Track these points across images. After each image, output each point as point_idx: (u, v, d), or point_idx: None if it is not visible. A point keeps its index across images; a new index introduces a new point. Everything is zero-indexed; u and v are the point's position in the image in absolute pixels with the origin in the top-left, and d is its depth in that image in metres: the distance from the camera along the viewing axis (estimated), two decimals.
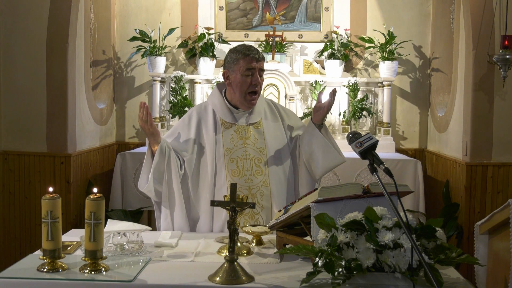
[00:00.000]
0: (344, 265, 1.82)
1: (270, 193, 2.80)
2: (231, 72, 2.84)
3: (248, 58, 2.79)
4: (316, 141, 2.83)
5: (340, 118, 5.48)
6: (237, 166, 2.81)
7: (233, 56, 2.84)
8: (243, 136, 2.87)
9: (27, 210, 4.59)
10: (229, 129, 2.88)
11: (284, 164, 2.90)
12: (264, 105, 2.99)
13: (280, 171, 2.88)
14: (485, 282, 1.93)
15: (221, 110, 2.90)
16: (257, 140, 2.87)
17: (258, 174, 2.82)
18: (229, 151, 2.83)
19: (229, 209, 2.03)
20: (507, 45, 4.11)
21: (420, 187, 4.90)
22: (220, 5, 5.72)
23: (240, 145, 2.85)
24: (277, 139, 2.93)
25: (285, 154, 2.92)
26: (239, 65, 2.80)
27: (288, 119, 3.02)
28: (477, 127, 4.38)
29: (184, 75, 5.42)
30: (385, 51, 5.36)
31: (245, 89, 2.81)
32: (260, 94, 2.89)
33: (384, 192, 1.85)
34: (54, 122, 4.52)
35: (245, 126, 2.89)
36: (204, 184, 2.82)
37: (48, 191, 2.00)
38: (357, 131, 2.30)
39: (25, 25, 4.48)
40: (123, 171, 5.05)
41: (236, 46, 2.91)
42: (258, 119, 2.92)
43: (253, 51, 2.82)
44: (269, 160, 2.85)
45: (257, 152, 2.85)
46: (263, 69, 2.87)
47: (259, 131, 2.90)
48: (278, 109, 3.04)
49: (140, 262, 2.12)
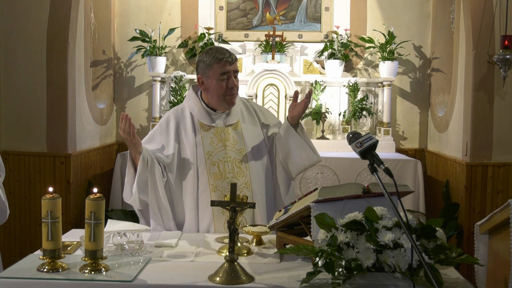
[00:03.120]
0: (344, 265, 1.82)
1: (251, 194, 2.80)
2: (205, 78, 2.78)
3: (222, 62, 2.74)
4: (292, 141, 2.83)
5: (340, 118, 5.48)
6: (219, 169, 2.79)
7: (206, 61, 2.77)
8: (223, 138, 2.84)
9: (27, 210, 4.59)
10: (208, 131, 2.84)
11: (264, 163, 2.89)
12: (240, 105, 2.96)
13: (260, 171, 2.87)
14: (485, 282, 1.93)
15: (199, 112, 2.86)
16: (236, 141, 2.85)
17: (240, 176, 2.80)
18: (209, 155, 2.81)
19: (229, 209, 2.04)
20: (507, 45, 4.11)
21: (420, 187, 4.90)
22: (220, 5, 5.72)
23: (220, 148, 2.82)
24: (255, 139, 2.91)
25: (264, 153, 2.91)
26: (213, 71, 2.75)
27: (264, 117, 3.00)
28: (477, 127, 4.38)
29: (184, 75, 5.42)
30: (385, 51, 5.36)
31: (222, 93, 2.78)
32: (237, 94, 2.86)
33: (384, 192, 1.85)
34: (54, 122, 4.52)
35: (224, 128, 2.86)
36: (187, 188, 2.79)
37: (48, 191, 2.00)
38: (357, 131, 2.30)
39: (25, 25, 4.48)
40: (123, 171, 5.01)
41: (207, 50, 2.84)
42: (236, 120, 2.89)
43: (226, 54, 2.76)
44: (249, 161, 2.84)
45: (237, 153, 2.83)
46: (237, 70, 2.82)
47: (237, 132, 2.88)
48: (254, 108, 3.02)
49: (140, 262, 2.12)
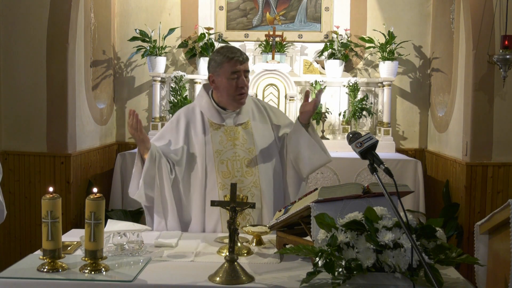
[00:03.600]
0: (344, 265, 1.82)
1: (260, 193, 2.80)
2: (216, 76, 2.80)
3: (233, 61, 2.75)
4: (303, 141, 2.83)
5: (340, 118, 5.48)
6: (227, 168, 2.80)
7: (217, 59, 2.79)
8: (232, 137, 2.85)
9: (27, 210, 4.59)
10: (218, 130, 2.85)
11: (273, 163, 2.89)
12: (251, 105, 2.97)
13: (269, 171, 2.87)
14: (485, 282, 1.93)
15: (209, 111, 2.88)
16: (246, 140, 2.86)
17: (248, 175, 2.81)
18: (218, 153, 2.81)
19: (229, 209, 2.04)
20: (507, 45, 4.11)
21: (420, 187, 4.90)
22: (220, 5, 5.72)
23: (230, 147, 2.83)
24: (265, 139, 2.91)
25: (274, 153, 2.91)
26: (223, 69, 2.76)
27: (275, 118, 3.00)
28: (477, 127, 4.38)
29: (184, 75, 5.42)
30: (385, 51, 5.36)
31: (232, 92, 2.79)
32: (248, 93, 2.87)
33: (384, 192, 1.85)
34: (54, 122, 4.52)
35: (234, 127, 2.87)
36: (195, 186, 2.80)
37: (48, 191, 2.00)
38: (357, 131, 2.30)
39: (25, 25, 4.48)
40: (123, 171, 5.06)
41: (218, 49, 2.87)
42: (246, 119, 2.90)
43: (237, 54, 2.77)
44: (258, 160, 2.84)
45: (247, 152, 2.84)
46: (248, 70, 2.83)
47: (247, 132, 2.88)
48: (266, 108, 3.02)
49: (140, 262, 2.12)
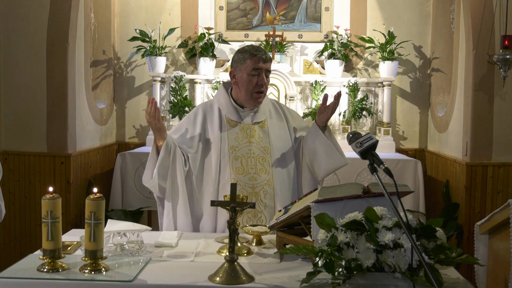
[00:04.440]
0: (344, 265, 1.82)
1: (273, 192, 2.82)
2: (237, 71, 2.86)
3: (256, 58, 2.81)
4: (319, 143, 2.85)
5: (340, 118, 5.47)
6: (241, 164, 2.83)
7: (241, 55, 2.85)
8: (248, 135, 2.89)
9: (27, 210, 4.59)
10: (235, 127, 2.90)
11: (288, 164, 2.92)
12: (269, 105, 3.02)
13: (284, 171, 2.89)
14: (485, 282, 1.93)
15: (227, 108, 2.93)
16: (261, 139, 2.90)
17: (262, 173, 2.83)
18: (233, 149, 2.85)
19: (229, 209, 2.03)
20: (507, 45, 4.11)
21: (420, 187, 4.90)
22: (220, 5, 5.72)
23: (245, 144, 2.87)
24: (281, 139, 2.94)
25: (289, 154, 2.93)
26: (246, 65, 2.82)
27: (292, 120, 3.05)
28: (477, 127, 4.38)
29: (184, 75, 5.42)
30: (385, 51, 5.36)
31: (251, 88, 2.83)
32: (266, 94, 2.91)
33: (384, 192, 1.85)
34: (54, 122, 4.52)
35: (250, 125, 2.91)
36: (208, 181, 2.83)
37: (48, 191, 2.00)
38: (357, 131, 2.30)
39: (25, 25, 4.48)
40: (123, 171, 5.05)
41: (244, 46, 2.94)
42: (263, 118, 2.95)
43: (261, 52, 2.84)
44: (273, 159, 2.87)
45: (262, 151, 2.87)
46: (270, 70, 2.88)
47: (263, 130, 2.92)
48: (283, 110, 3.07)
49: (140, 262, 2.12)
